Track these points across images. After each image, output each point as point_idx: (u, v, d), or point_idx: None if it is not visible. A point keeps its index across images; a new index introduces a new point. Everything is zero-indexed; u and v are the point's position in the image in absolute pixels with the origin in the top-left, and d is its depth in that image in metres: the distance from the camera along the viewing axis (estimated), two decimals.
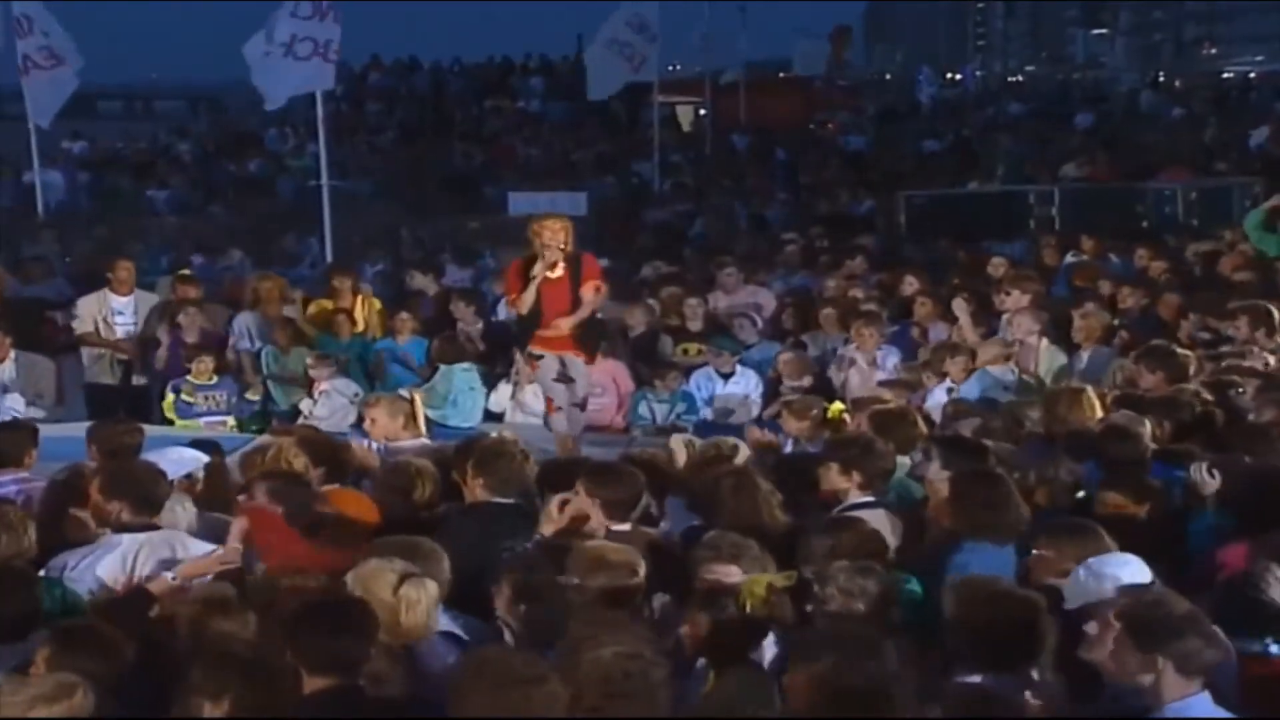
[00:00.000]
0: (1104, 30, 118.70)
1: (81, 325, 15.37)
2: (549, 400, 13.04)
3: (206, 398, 14.27)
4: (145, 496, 7.80)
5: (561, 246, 12.28)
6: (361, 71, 44.73)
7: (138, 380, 15.28)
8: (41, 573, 7.34)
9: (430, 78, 45.75)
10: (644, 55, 27.81)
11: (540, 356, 12.68)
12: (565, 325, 12.39)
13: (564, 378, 12.72)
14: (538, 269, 12.25)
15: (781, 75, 54.49)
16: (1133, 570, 6.51)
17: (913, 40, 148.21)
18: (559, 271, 12.35)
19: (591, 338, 12.64)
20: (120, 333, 15.32)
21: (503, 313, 15.57)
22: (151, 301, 15.65)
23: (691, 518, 8.57)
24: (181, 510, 8.22)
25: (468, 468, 8.56)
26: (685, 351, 15.18)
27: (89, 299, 15.56)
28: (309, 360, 14.40)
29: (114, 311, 15.36)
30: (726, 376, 14.07)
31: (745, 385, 14.03)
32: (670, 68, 42.15)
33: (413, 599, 6.55)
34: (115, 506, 7.74)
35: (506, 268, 13.25)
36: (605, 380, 14.10)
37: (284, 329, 15.26)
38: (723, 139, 38.22)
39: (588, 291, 12.52)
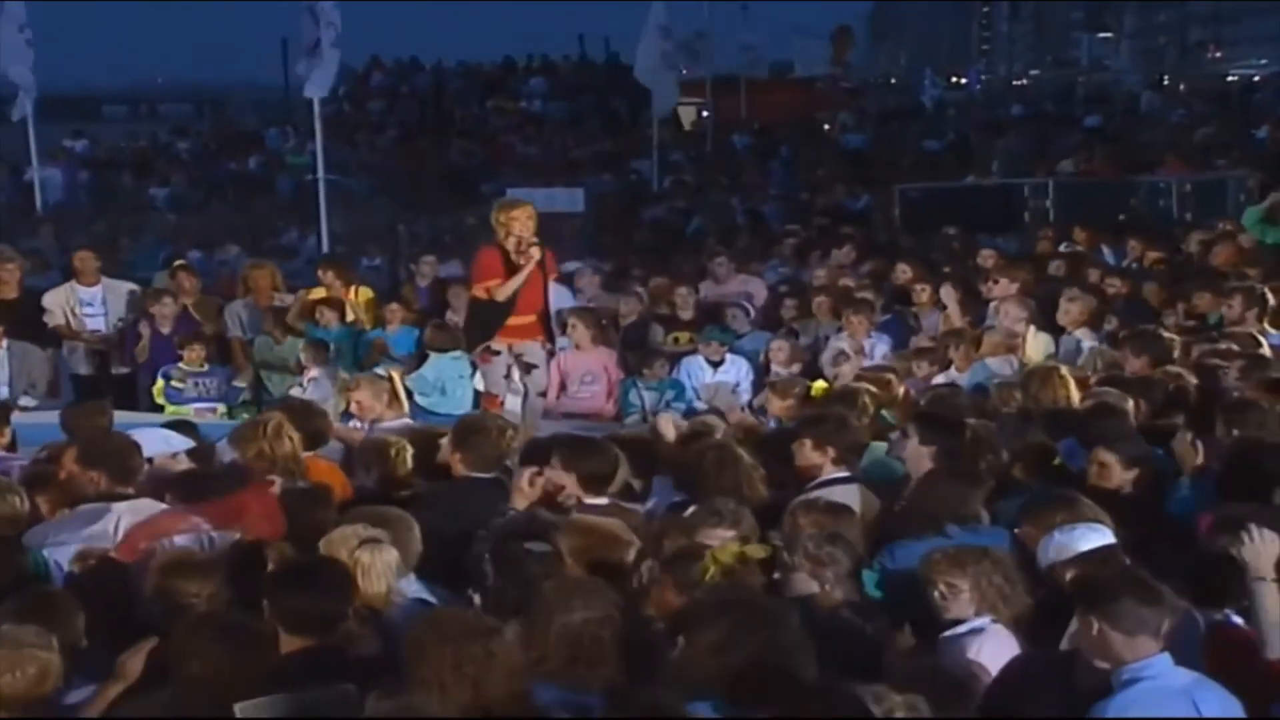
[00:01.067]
0: (1109, 34, 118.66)
1: (52, 318, 15.32)
2: (492, 396, 13.02)
3: (197, 384, 14.32)
4: (122, 466, 7.90)
5: (530, 238, 12.28)
6: (364, 71, 44.84)
7: (117, 370, 15.27)
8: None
9: (432, 78, 45.85)
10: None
11: (498, 352, 12.70)
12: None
13: (523, 368, 12.78)
14: (525, 260, 12.24)
15: (784, 77, 54.49)
16: (1093, 538, 6.65)
17: (916, 43, 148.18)
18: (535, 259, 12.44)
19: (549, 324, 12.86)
20: (88, 324, 15.32)
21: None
22: (120, 291, 15.64)
23: (676, 495, 8.62)
24: None
25: (448, 444, 8.69)
26: (676, 340, 15.18)
27: (56, 291, 15.56)
28: (301, 347, 14.44)
29: (81, 303, 15.34)
30: (716, 365, 14.06)
31: (735, 373, 14.02)
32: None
33: (366, 563, 6.64)
34: (93, 476, 7.84)
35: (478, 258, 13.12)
36: (596, 368, 14.13)
37: (275, 318, 15.30)
38: (723, 138, 38.28)
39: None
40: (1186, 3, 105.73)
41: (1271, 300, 12.57)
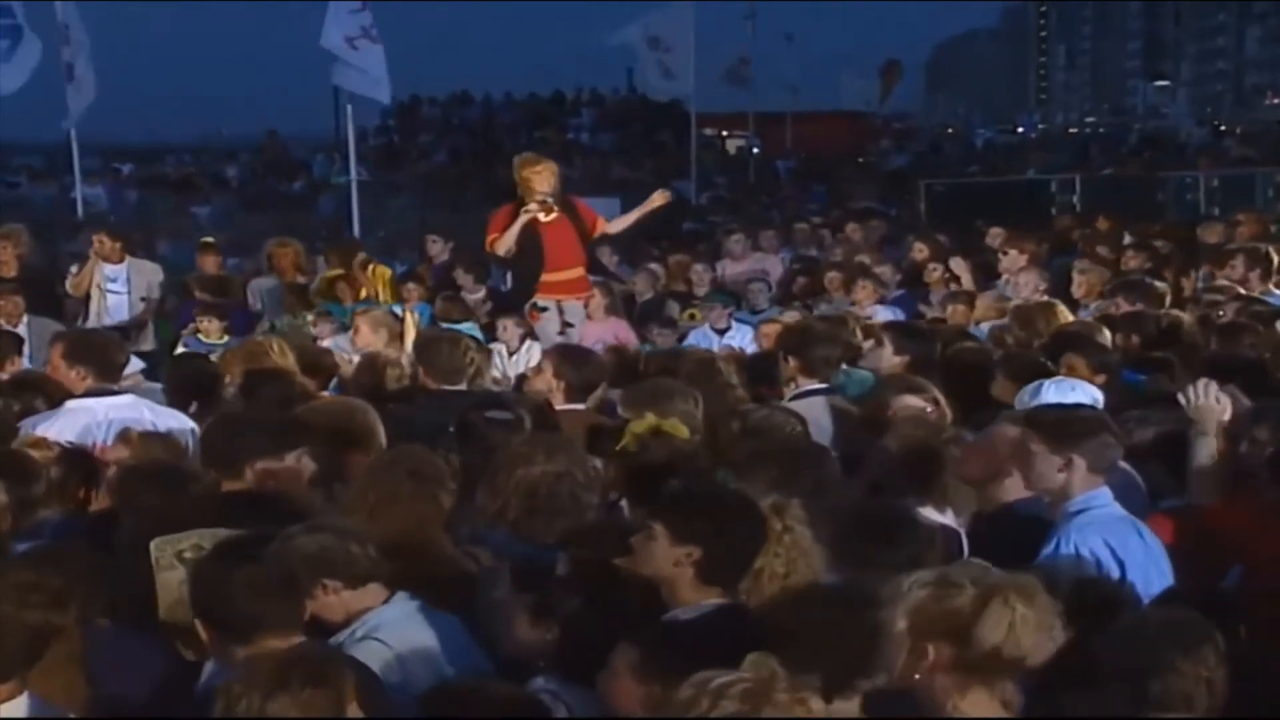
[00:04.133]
0: (1166, 82, 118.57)
1: (77, 290, 15.50)
2: None
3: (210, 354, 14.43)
4: (107, 362, 8.06)
5: (551, 191, 12.50)
6: (412, 103, 45.27)
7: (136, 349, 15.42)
8: None
9: (482, 110, 46.21)
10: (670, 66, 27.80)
11: (545, 309, 12.84)
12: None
13: (566, 326, 12.92)
14: (528, 214, 12.46)
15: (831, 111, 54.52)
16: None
17: (973, 92, 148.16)
18: (554, 214, 12.58)
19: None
20: (111, 300, 15.41)
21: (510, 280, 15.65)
22: (144, 270, 15.79)
23: None
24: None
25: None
26: (691, 316, 15.23)
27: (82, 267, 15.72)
28: (310, 318, 14.57)
29: (106, 279, 15.46)
30: (722, 333, 14.11)
31: (740, 340, 14.01)
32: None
33: None
34: (78, 372, 7.94)
35: (494, 213, 13.40)
36: (608, 337, 14.17)
37: (297, 295, 15.46)
38: (767, 164, 38.45)
39: (603, 224, 13.34)
40: (1243, 45, 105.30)
41: (1275, 259, 12.53)
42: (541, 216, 12.50)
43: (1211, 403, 6.34)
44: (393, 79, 20.61)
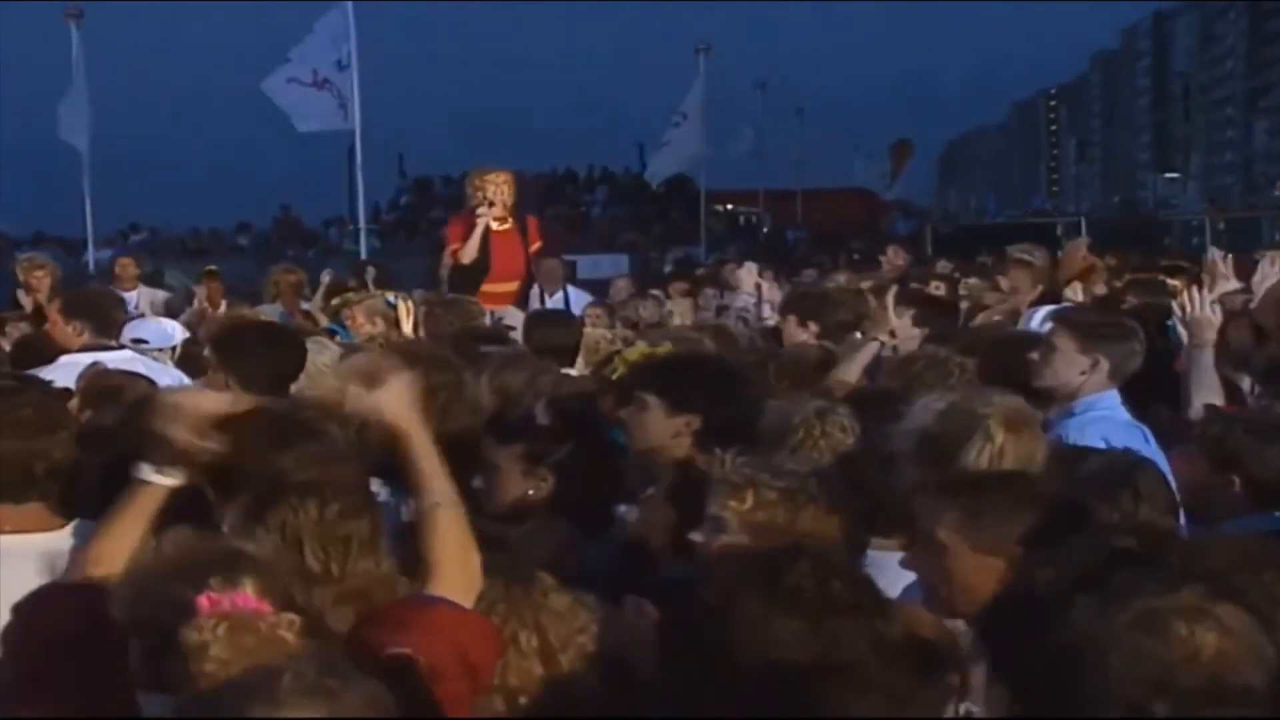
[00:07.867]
0: (1175, 174, 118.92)
1: None
2: None
3: None
4: (105, 318, 8.01)
5: (505, 201, 12.32)
6: (426, 181, 45.64)
7: None
8: None
9: None
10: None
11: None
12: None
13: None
14: (482, 218, 12.25)
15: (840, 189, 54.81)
16: None
17: (985, 185, 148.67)
18: (507, 225, 12.42)
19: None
20: None
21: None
22: (157, 299, 15.88)
23: None
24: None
25: None
26: None
27: None
28: (310, 340, 14.54)
29: None
30: None
31: None
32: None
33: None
34: (76, 327, 7.89)
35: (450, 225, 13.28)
36: None
37: (305, 321, 15.45)
38: (777, 232, 38.64)
39: (538, 249, 12.80)
40: (1251, 139, 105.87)
41: None
42: (494, 225, 12.31)
43: (1207, 314, 6.27)
44: (410, 161, 20.70)
